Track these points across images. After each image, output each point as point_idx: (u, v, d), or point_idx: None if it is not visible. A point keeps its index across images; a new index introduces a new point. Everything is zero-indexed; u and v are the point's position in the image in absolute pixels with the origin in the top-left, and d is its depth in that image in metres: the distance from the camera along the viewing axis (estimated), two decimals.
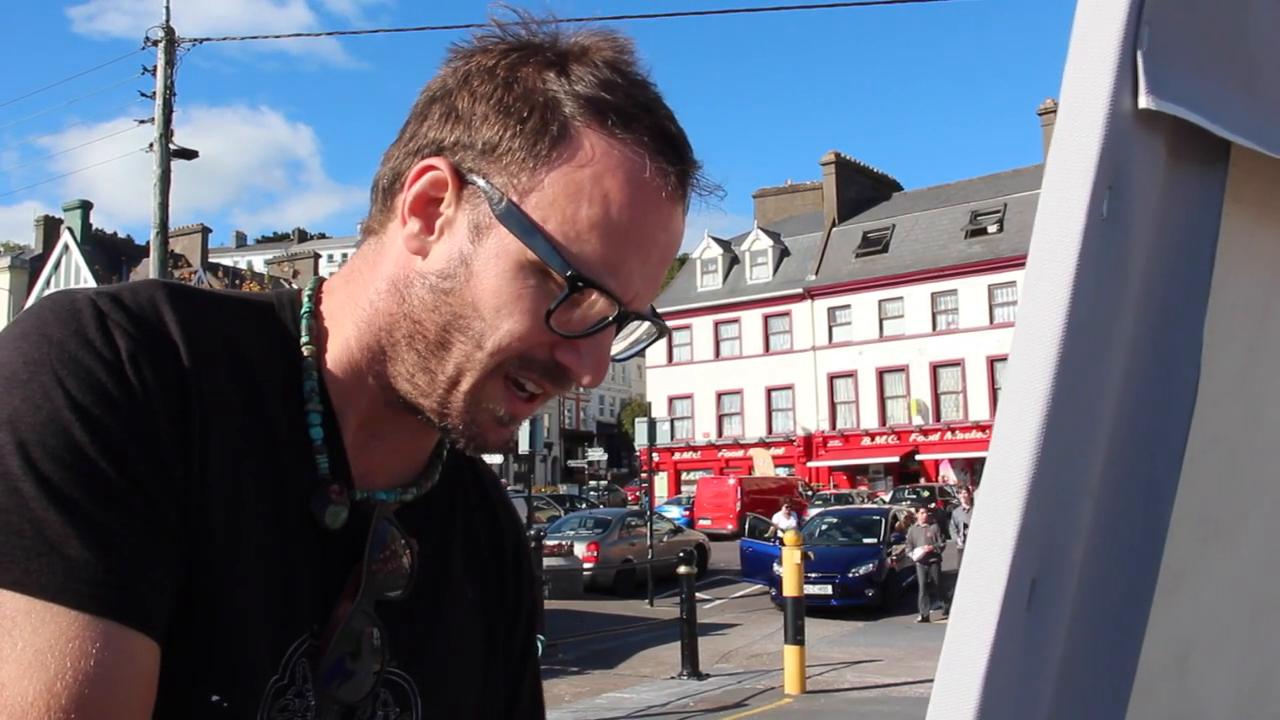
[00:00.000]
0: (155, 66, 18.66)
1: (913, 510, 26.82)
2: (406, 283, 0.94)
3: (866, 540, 20.70)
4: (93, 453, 0.78)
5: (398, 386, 0.96)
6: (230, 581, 0.86)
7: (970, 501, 22.03)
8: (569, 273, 0.88)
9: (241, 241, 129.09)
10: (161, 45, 18.58)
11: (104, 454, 0.78)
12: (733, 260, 53.88)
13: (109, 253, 66.66)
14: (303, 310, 1.00)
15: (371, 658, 0.96)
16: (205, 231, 68.31)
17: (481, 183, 0.90)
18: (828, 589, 19.13)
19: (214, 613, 0.85)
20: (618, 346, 0.99)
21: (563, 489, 58.71)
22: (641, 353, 1.03)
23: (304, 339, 0.98)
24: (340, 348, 0.98)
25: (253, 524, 0.89)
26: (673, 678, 13.37)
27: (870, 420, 48.04)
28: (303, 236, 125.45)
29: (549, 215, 0.89)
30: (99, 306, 0.85)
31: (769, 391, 50.98)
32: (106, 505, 0.77)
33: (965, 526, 20.05)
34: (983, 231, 46.34)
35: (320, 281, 1.04)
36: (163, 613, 0.80)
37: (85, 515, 0.76)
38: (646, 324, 0.98)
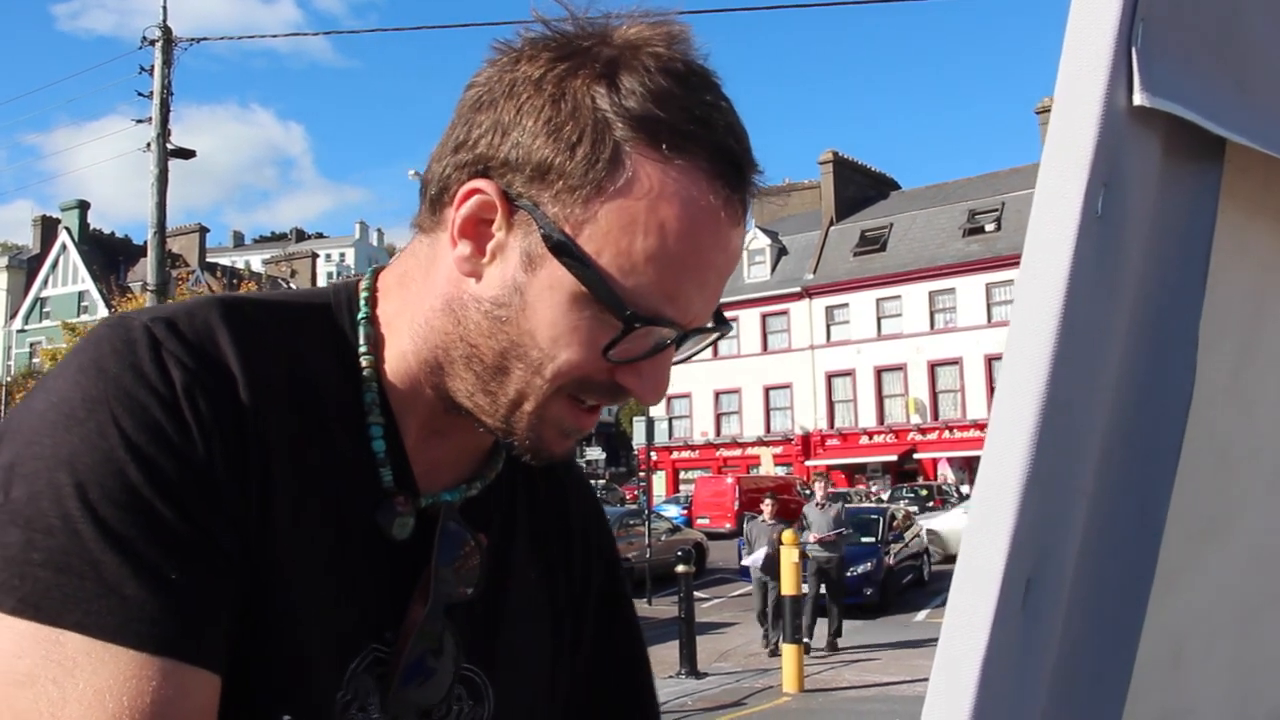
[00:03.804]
0: (152, 66, 18.65)
1: (907, 508, 26.56)
2: (461, 304, 0.93)
3: (864, 539, 20.61)
4: (147, 492, 0.79)
5: (459, 401, 0.96)
6: (298, 604, 0.88)
7: (827, 498, 17.14)
8: (627, 313, 0.86)
9: (239, 241, 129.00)
10: (159, 45, 18.57)
11: (158, 493, 0.80)
12: None
13: (106, 252, 66.71)
14: (360, 315, 1.00)
15: (451, 656, 0.97)
16: (203, 231, 68.41)
17: (535, 212, 0.88)
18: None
19: (283, 636, 0.87)
20: (678, 353, 0.97)
21: None
22: (701, 351, 1.01)
23: (362, 348, 0.98)
24: (398, 358, 0.98)
25: (318, 544, 0.90)
26: (671, 676, 13.37)
27: (868, 419, 48.06)
28: (300, 236, 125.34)
29: (603, 248, 0.86)
30: (154, 335, 0.85)
31: (767, 390, 50.98)
32: (161, 544, 0.79)
33: (809, 525, 15.86)
34: (980, 230, 46.37)
35: (375, 276, 1.03)
36: (221, 645, 0.81)
37: (140, 555, 0.78)
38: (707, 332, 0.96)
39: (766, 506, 16.55)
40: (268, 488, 0.87)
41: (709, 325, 0.94)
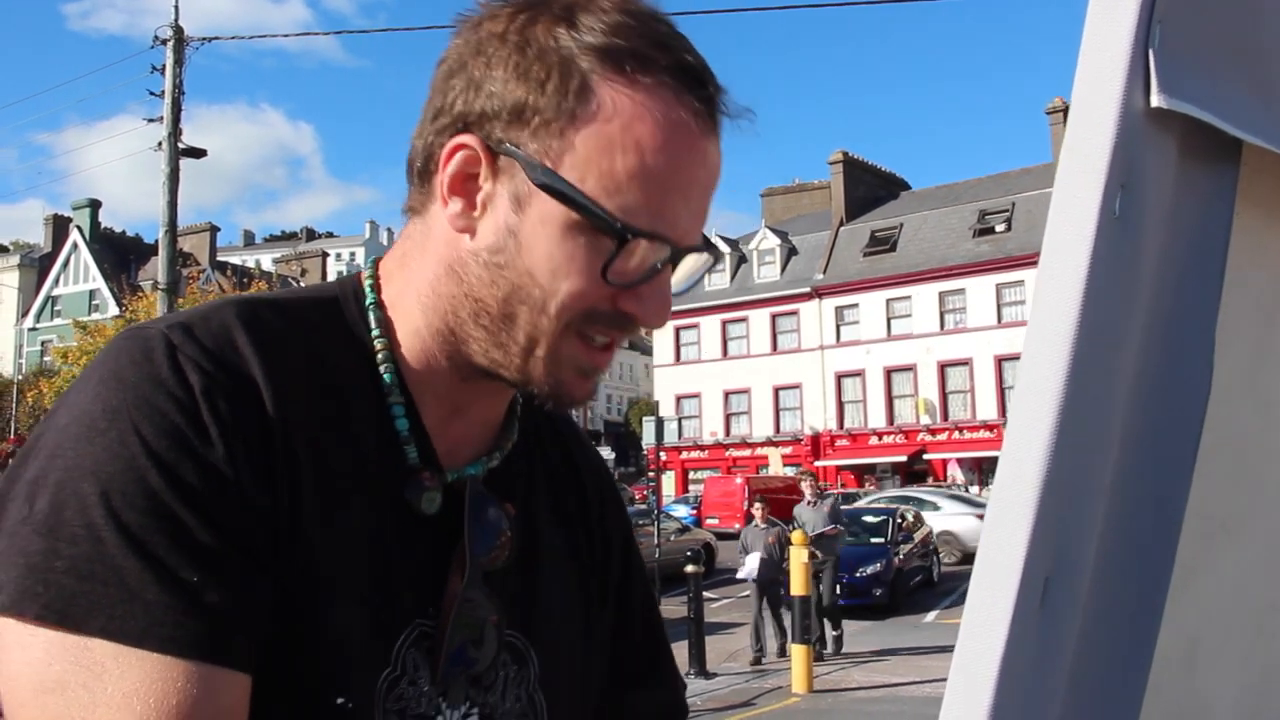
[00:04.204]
0: (163, 65, 18.70)
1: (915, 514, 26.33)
2: (461, 263, 0.96)
3: (874, 540, 20.60)
4: (168, 498, 0.81)
5: (476, 363, 0.98)
6: (338, 591, 0.90)
7: (817, 495, 16.24)
8: (618, 226, 0.89)
9: (249, 240, 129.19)
10: (170, 44, 18.63)
11: (180, 498, 0.82)
12: (740, 259, 53.81)
13: (118, 251, 66.91)
14: (368, 302, 1.02)
15: (493, 639, 1.00)
16: (214, 230, 68.64)
17: (515, 153, 0.91)
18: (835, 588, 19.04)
19: (326, 622, 0.89)
20: (674, 281, 0.99)
21: None
22: (699, 283, 1.04)
23: (374, 331, 1.00)
24: (411, 335, 1.00)
25: (352, 530, 0.93)
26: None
27: (878, 419, 47.96)
28: (310, 235, 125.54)
29: (586, 174, 0.90)
30: (170, 341, 0.87)
31: (776, 391, 50.90)
32: (184, 549, 0.81)
33: (803, 526, 14.45)
34: (991, 230, 46.26)
35: (375, 265, 1.06)
36: (248, 644, 0.83)
37: (162, 561, 0.80)
38: (699, 254, 0.98)
39: (758, 510, 15.84)
40: (295, 480, 0.89)
41: (699, 246, 0.97)
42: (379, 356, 0.99)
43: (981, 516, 14.71)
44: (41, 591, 0.77)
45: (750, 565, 14.92)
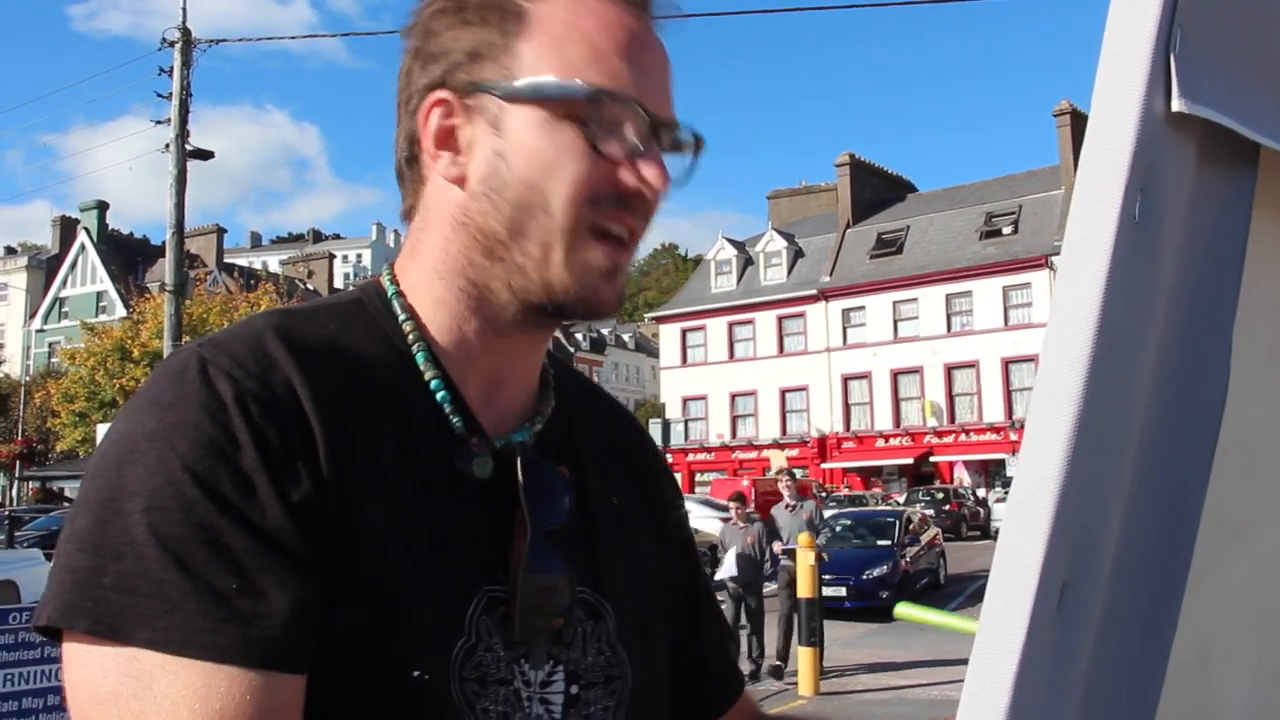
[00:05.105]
0: (170, 67, 18.76)
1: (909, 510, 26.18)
2: (463, 211, 1.00)
3: (880, 542, 20.60)
4: (204, 508, 0.83)
5: (504, 301, 1.01)
6: (401, 569, 0.92)
7: (796, 499, 15.00)
8: (587, 89, 0.95)
9: (256, 242, 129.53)
10: (178, 46, 18.68)
11: (217, 507, 0.84)
12: (747, 261, 53.87)
13: (125, 253, 67.08)
14: (390, 293, 1.05)
15: (566, 581, 1.01)
16: (221, 232, 68.85)
17: (481, 83, 0.97)
18: (842, 591, 19.00)
19: (391, 603, 0.91)
20: (673, 175, 1.02)
21: None
22: (692, 170, 1.06)
23: (401, 316, 1.03)
24: (437, 308, 1.03)
25: (406, 508, 0.94)
26: None
27: (884, 422, 47.97)
28: (317, 237, 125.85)
29: (543, 71, 0.96)
30: (202, 356, 0.90)
31: (783, 393, 50.93)
32: (220, 558, 0.83)
33: (775, 537, 13.94)
34: (997, 233, 46.27)
35: (391, 267, 1.09)
36: (294, 643, 0.84)
37: (199, 571, 0.82)
38: (683, 139, 1.03)
39: (734, 508, 14.34)
40: (340, 469, 0.90)
41: (680, 122, 1.02)
42: (410, 339, 1.02)
43: (725, 519, 13.78)
44: (90, 607, 0.81)
45: (728, 563, 13.77)
